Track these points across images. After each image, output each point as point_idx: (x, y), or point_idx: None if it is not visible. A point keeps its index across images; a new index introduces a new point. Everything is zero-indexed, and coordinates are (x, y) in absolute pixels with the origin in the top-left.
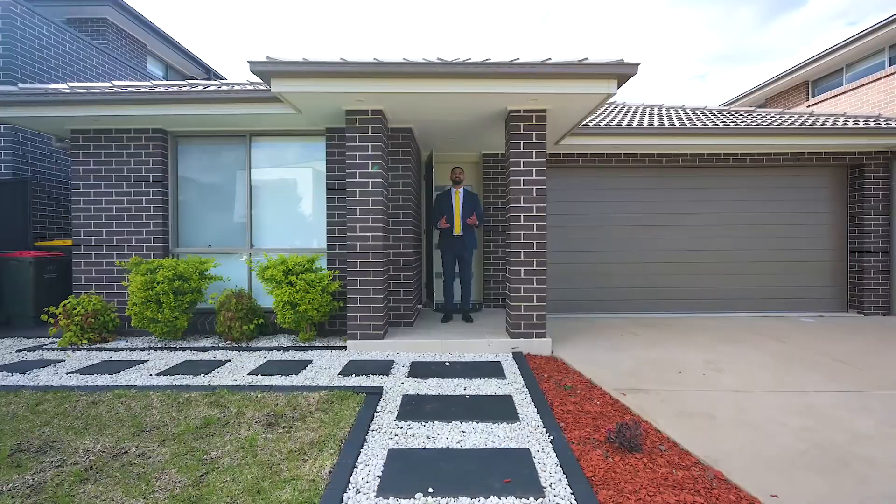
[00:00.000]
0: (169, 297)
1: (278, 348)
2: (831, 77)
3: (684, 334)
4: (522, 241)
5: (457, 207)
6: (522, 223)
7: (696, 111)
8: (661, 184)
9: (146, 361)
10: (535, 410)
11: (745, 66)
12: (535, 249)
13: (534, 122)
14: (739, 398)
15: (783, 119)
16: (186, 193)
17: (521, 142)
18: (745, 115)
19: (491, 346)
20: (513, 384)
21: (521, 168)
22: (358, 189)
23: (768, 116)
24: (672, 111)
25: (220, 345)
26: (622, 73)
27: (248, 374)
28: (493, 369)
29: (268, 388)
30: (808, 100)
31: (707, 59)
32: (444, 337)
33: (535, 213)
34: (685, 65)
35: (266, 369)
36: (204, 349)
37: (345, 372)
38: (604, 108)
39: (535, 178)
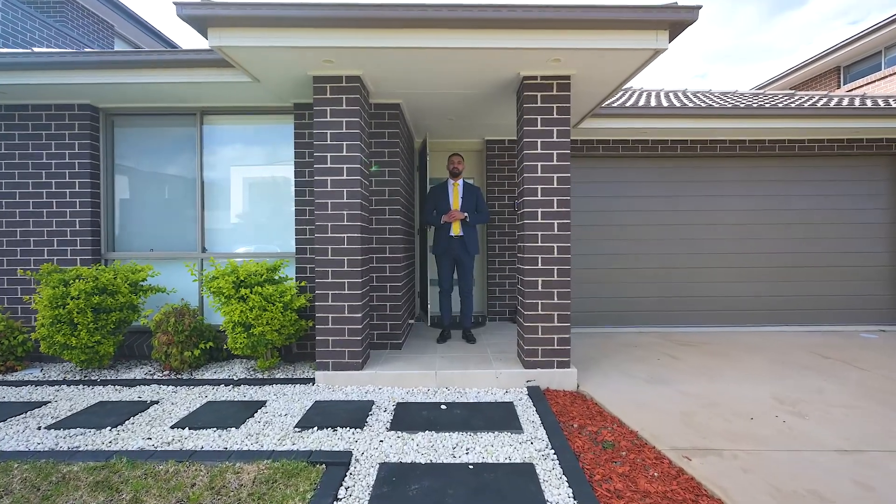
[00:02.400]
0: (86, 315)
1: (228, 381)
2: (867, 61)
3: (732, 357)
4: (540, 244)
5: (455, 203)
6: (539, 221)
7: (727, 95)
8: (693, 176)
9: (47, 403)
10: (571, 494)
11: (746, 65)
12: (556, 255)
13: (555, 93)
14: (853, 465)
15: (830, 101)
16: (124, 186)
17: (539, 117)
18: (785, 98)
19: (500, 378)
20: (533, 441)
21: (538, 151)
22: (329, 178)
23: (811, 99)
24: (700, 95)
25: (156, 376)
26: (677, 19)
27: (173, 427)
28: (504, 415)
29: (190, 453)
30: (839, 86)
31: (707, 57)
32: (441, 366)
33: (556, 209)
34: (685, 64)
35: (200, 418)
36: (132, 383)
37: (305, 422)
38: (617, 92)
39: (556, 163)
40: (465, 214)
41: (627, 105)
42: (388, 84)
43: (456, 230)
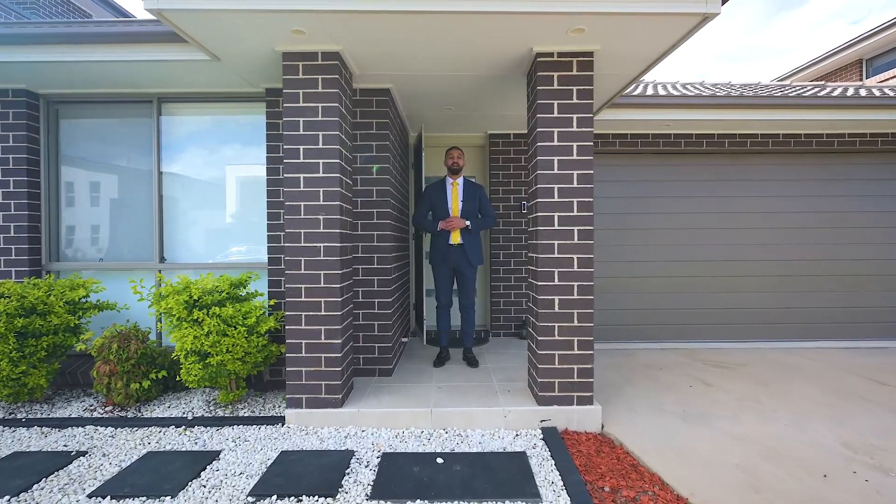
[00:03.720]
0: (7, 341)
1: (181, 421)
2: (891, 54)
3: (775, 383)
4: (556, 255)
5: (454, 204)
6: (556, 228)
7: (750, 87)
8: (720, 174)
9: None
10: None
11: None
12: (576, 269)
13: (574, 73)
14: None
15: (861, 92)
16: (71, 186)
17: (555, 103)
18: (816, 88)
19: (509, 417)
20: None
21: (555, 144)
22: (302, 175)
23: (847, 90)
24: (720, 87)
25: (96, 413)
26: None
27: (91, 496)
28: (516, 472)
29: None
30: (862, 80)
31: (707, 58)
32: (438, 401)
33: (576, 213)
34: (684, 64)
35: (130, 479)
36: (64, 423)
37: (263, 486)
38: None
39: (576, 158)
40: (467, 223)
41: (647, 94)
42: (374, 64)
43: (455, 238)
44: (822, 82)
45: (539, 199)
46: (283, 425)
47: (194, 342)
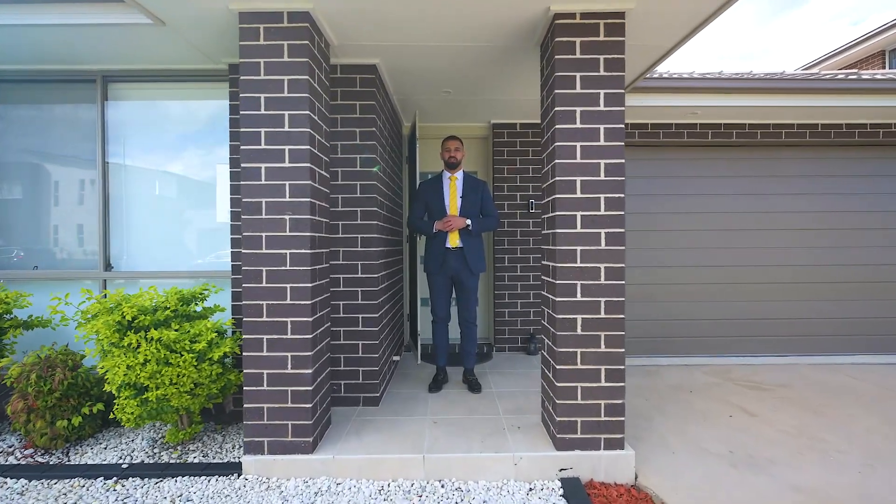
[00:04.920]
0: None
1: (113, 469)
2: None
3: (830, 410)
4: (579, 264)
5: (452, 202)
6: (579, 231)
7: (773, 76)
8: (749, 169)
9: None
10: None
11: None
12: (603, 281)
13: (602, 38)
14: None
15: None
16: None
17: (577, 76)
18: (848, 76)
19: (520, 465)
20: None
21: (577, 126)
22: (263, 166)
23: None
24: (741, 77)
25: (14, 457)
26: None
27: None
28: None
29: None
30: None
31: (706, 57)
32: (432, 443)
33: (603, 212)
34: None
35: None
36: None
37: None
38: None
39: (603, 143)
40: (468, 221)
41: (673, 76)
42: (355, 31)
43: (454, 240)
44: (856, 70)
45: (557, 196)
46: (239, 475)
47: (128, 373)
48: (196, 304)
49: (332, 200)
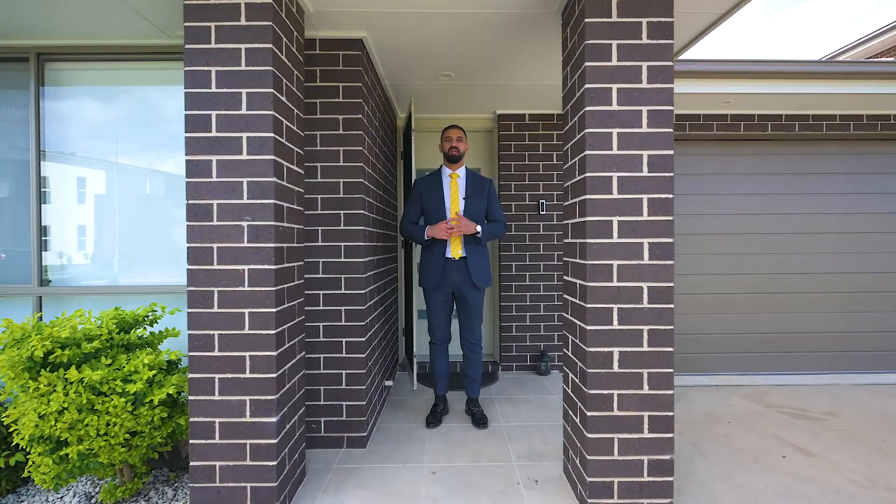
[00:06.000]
0: None
1: None
2: None
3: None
4: (616, 282)
5: (453, 204)
6: (616, 241)
7: (797, 62)
8: (785, 166)
9: None
10: None
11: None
12: (646, 304)
13: None
14: None
15: None
16: None
17: (614, 44)
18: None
19: None
20: None
21: (614, 108)
22: (215, 158)
23: None
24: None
25: None
26: None
27: None
28: None
29: None
30: None
31: (704, 56)
32: (429, 502)
33: (646, 217)
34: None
35: None
36: None
37: None
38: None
39: (647, 131)
40: (477, 227)
41: (706, 59)
42: None
43: (456, 250)
44: (887, 59)
45: (588, 196)
46: None
47: (40, 424)
48: (140, 329)
49: (308, 202)
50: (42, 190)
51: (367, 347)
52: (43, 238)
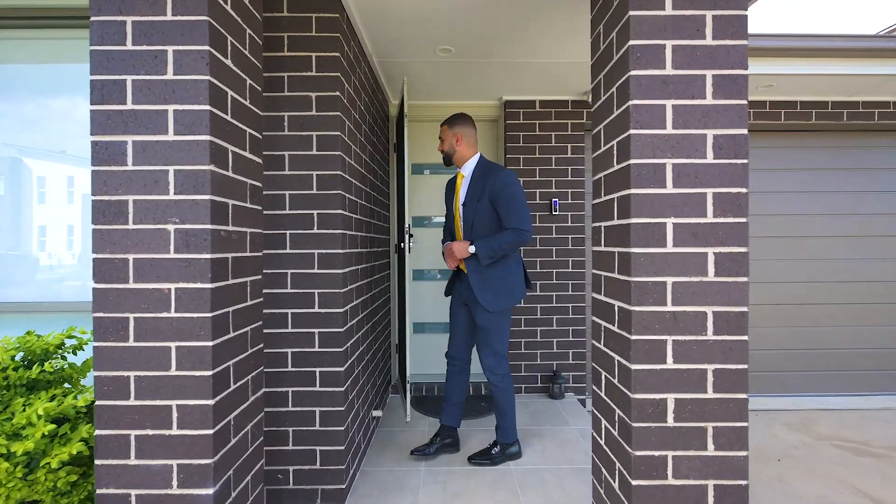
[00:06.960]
0: None
1: None
2: None
3: None
4: (671, 308)
5: (457, 209)
6: (670, 251)
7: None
8: (834, 160)
9: None
10: None
11: None
12: (711, 336)
13: None
14: None
15: None
16: None
17: None
18: None
19: None
20: None
21: (666, 73)
22: (130, 139)
23: None
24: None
25: None
26: None
27: None
28: None
29: None
30: None
31: None
32: None
33: (711, 219)
34: None
35: None
36: None
37: None
38: None
39: (711, 102)
40: (469, 248)
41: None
42: None
43: (462, 263)
44: None
45: (633, 191)
46: None
47: None
48: (55, 361)
49: (271, 200)
50: None
51: (348, 378)
52: None
